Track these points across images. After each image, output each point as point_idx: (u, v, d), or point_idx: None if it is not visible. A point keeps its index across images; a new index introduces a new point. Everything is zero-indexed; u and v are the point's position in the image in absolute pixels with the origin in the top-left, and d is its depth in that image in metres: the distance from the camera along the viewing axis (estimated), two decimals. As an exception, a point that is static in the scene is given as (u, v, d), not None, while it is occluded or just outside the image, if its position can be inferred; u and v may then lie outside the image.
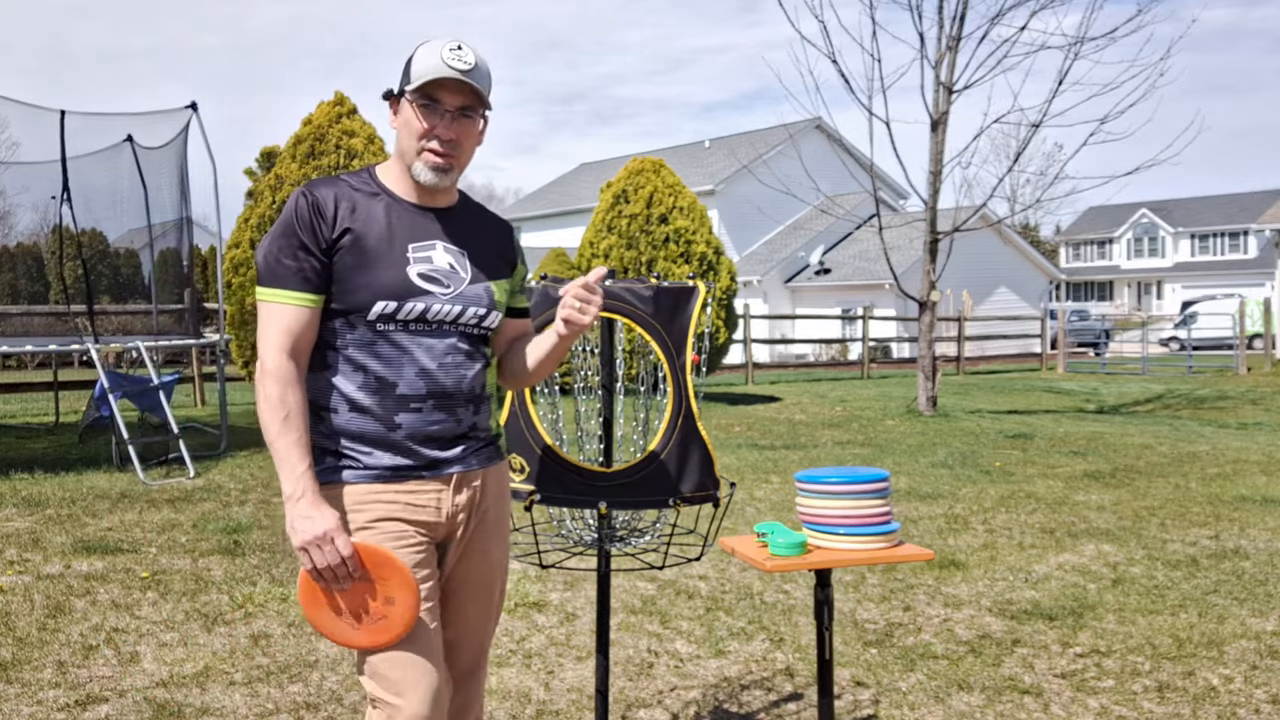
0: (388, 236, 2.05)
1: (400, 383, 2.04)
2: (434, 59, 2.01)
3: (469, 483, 2.13)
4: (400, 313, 2.03)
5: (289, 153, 12.00)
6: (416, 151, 2.05)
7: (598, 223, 14.63)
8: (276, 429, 1.97)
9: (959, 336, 23.92)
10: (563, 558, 4.10)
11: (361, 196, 2.07)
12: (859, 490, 2.56)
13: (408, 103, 2.05)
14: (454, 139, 2.04)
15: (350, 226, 2.03)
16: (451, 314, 2.07)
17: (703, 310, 2.71)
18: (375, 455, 2.04)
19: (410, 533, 2.05)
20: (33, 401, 14.22)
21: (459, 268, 2.11)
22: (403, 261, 2.04)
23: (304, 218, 2.01)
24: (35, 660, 4.04)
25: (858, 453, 9.86)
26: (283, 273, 2.01)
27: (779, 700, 3.69)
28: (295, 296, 2.01)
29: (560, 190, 41.48)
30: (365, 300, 2.01)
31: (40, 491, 7.58)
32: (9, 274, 13.54)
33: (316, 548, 1.93)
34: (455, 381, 2.08)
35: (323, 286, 2.03)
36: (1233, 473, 8.48)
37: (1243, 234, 54.60)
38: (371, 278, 2.01)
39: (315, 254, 2.01)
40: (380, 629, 1.98)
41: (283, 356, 1.99)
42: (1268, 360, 23.63)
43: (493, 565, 2.21)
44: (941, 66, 12.80)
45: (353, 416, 2.04)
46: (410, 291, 2.03)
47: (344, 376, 2.05)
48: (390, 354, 2.04)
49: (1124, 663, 4.02)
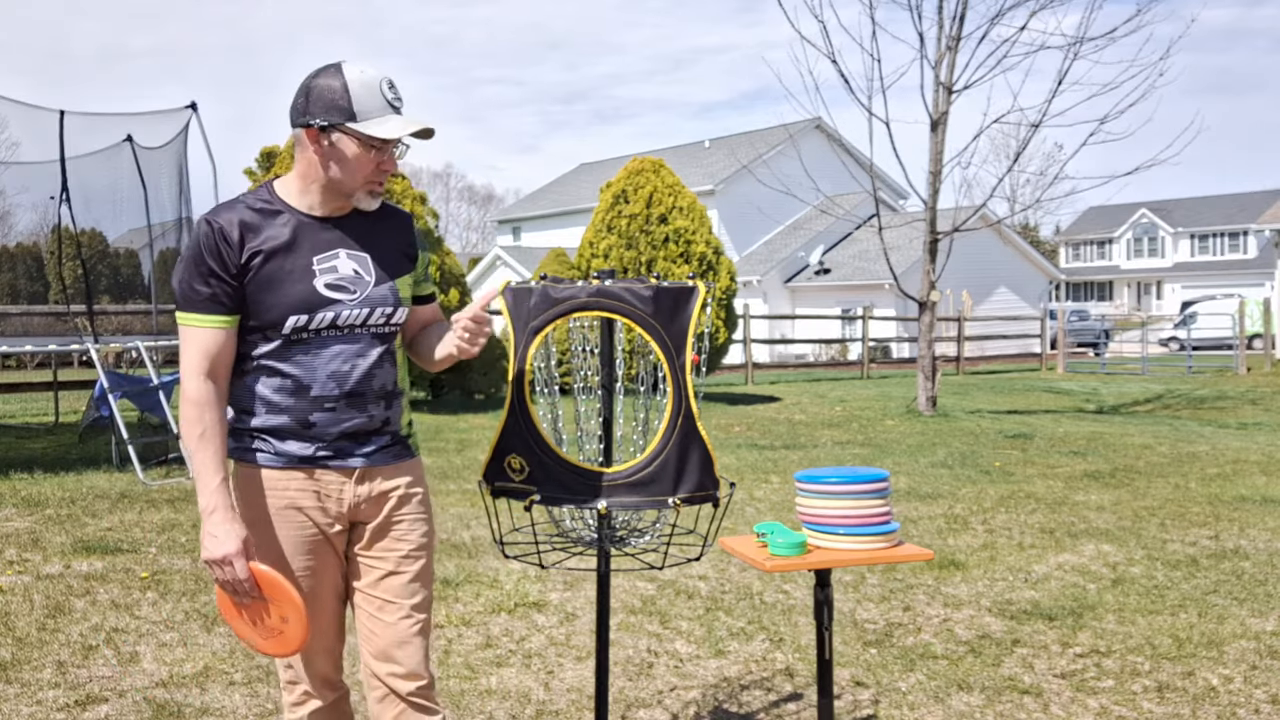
0: (292, 253, 2.16)
1: (314, 385, 2.17)
2: (377, 99, 2.11)
3: (372, 476, 2.25)
4: (312, 324, 2.15)
5: (289, 153, 12.00)
6: (362, 184, 2.16)
7: (597, 223, 14.63)
8: (194, 444, 2.12)
9: (959, 336, 23.92)
10: (562, 558, 4.10)
11: (263, 218, 2.17)
12: (859, 490, 2.56)
13: (353, 140, 2.12)
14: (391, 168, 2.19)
15: (256, 249, 2.13)
16: (360, 317, 2.19)
17: (702, 310, 2.71)
18: (287, 443, 2.19)
19: (307, 522, 2.22)
20: (32, 401, 14.22)
21: (363, 272, 2.21)
22: (309, 275, 2.15)
23: (210, 246, 2.12)
24: (35, 660, 4.04)
25: (857, 453, 9.86)
26: (195, 298, 2.13)
27: (779, 700, 3.69)
28: (210, 320, 2.13)
29: (560, 190, 41.48)
30: (277, 317, 2.13)
31: (40, 491, 7.58)
32: (9, 274, 13.54)
33: (219, 566, 2.09)
34: (366, 380, 2.21)
35: (235, 308, 2.14)
36: (1232, 473, 8.48)
37: (1242, 234, 54.61)
38: (281, 296, 2.13)
39: (225, 279, 2.12)
40: (279, 641, 2.16)
41: (200, 379, 2.12)
42: (1267, 360, 23.63)
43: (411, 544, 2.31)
44: (941, 66, 12.80)
45: (269, 416, 2.18)
46: (319, 303, 2.15)
47: (261, 382, 2.18)
48: (304, 359, 2.17)
49: (1124, 663, 4.02)
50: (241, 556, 2.08)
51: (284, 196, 2.21)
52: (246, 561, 2.09)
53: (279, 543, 2.21)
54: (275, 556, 2.21)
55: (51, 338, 11.03)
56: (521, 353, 2.65)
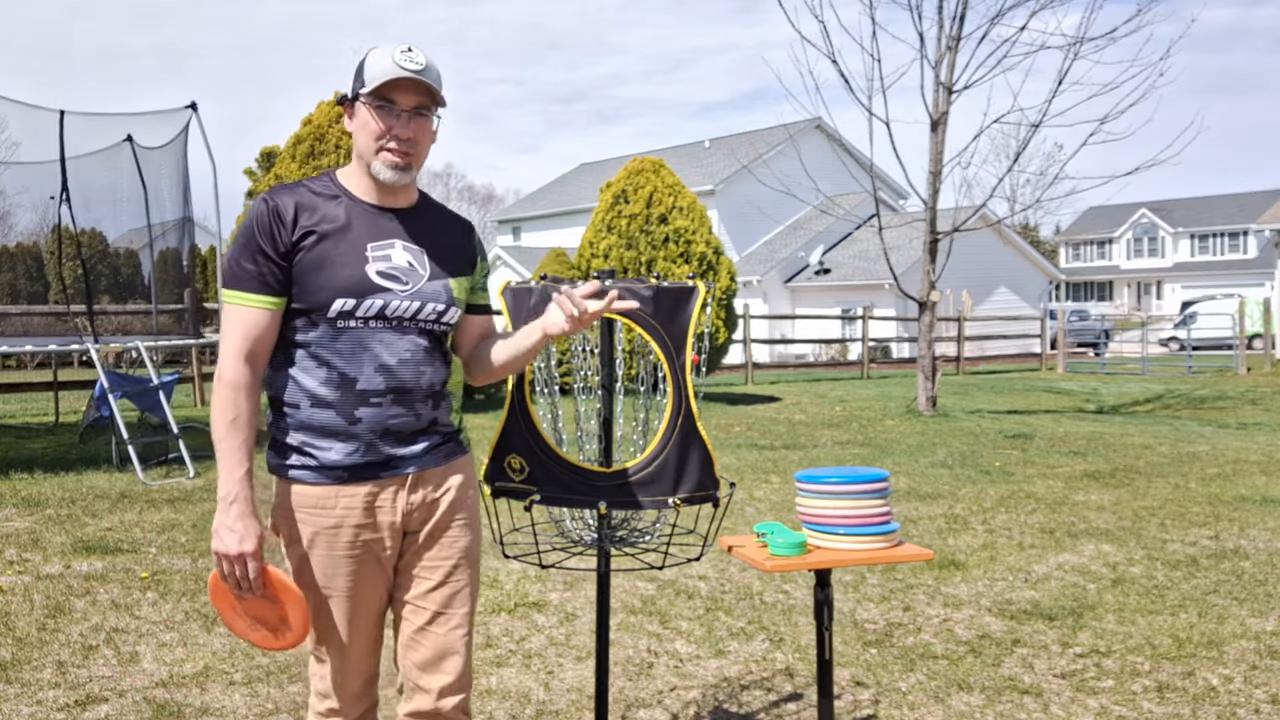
0: (347, 237, 2.12)
1: (360, 378, 2.10)
2: (386, 62, 2.08)
3: (424, 482, 2.19)
4: (359, 310, 2.09)
5: (289, 153, 12.00)
6: (375, 151, 2.12)
7: (597, 223, 14.62)
8: (224, 430, 2.06)
9: (959, 336, 23.92)
10: (562, 558, 4.10)
11: (321, 200, 2.14)
12: (859, 490, 2.56)
13: (364, 105, 2.12)
14: (411, 137, 2.11)
15: (309, 229, 2.10)
16: (410, 310, 2.14)
17: (702, 310, 2.71)
18: (333, 451, 2.11)
19: (353, 542, 2.15)
20: (32, 401, 14.23)
21: (417, 265, 2.17)
22: (361, 260, 2.11)
23: (264, 224, 2.08)
24: (35, 660, 4.04)
25: (857, 453, 9.86)
26: (243, 276, 2.08)
27: (779, 700, 3.69)
28: (254, 299, 2.08)
29: (560, 190, 41.48)
30: (325, 299, 2.08)
31: (40, 491, 7.58)
32: (9, 274, 13.54)
33: (229, 562, 2.05)
34: (414, 377, 2.14)
35: (282, 290, 2.10)
36: (1232, 473, 8.48)
37: (1242, 234, 54.60)
38: (330, 277, 2.08)
39: (274, 259, 2.08)
40: (269, 639, 2.14)
41: (240, 362, 2.07)
42: (1267, 360, 23.63)
43: (461, 554, 2.26)
44: (941, 66, 12.80)
45: (314, 411, 2.11)
46: (368, 289, 2.10)
47: (306, 372, 2.11)
48: (350, 350, 2.10)
49: (1124, 663, 4.02)
50: (257, 557, 2.05)
51: (344, 183, 2.19)
52: (261, 562, 2.06)
53: (322, 565, 2.14)
54: (316, 580, 2.15)
55: (51, 338, 11.03)
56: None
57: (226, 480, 2.04)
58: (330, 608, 2.17)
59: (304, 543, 2.14)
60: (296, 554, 2.17)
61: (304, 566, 2.16)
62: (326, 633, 2.18)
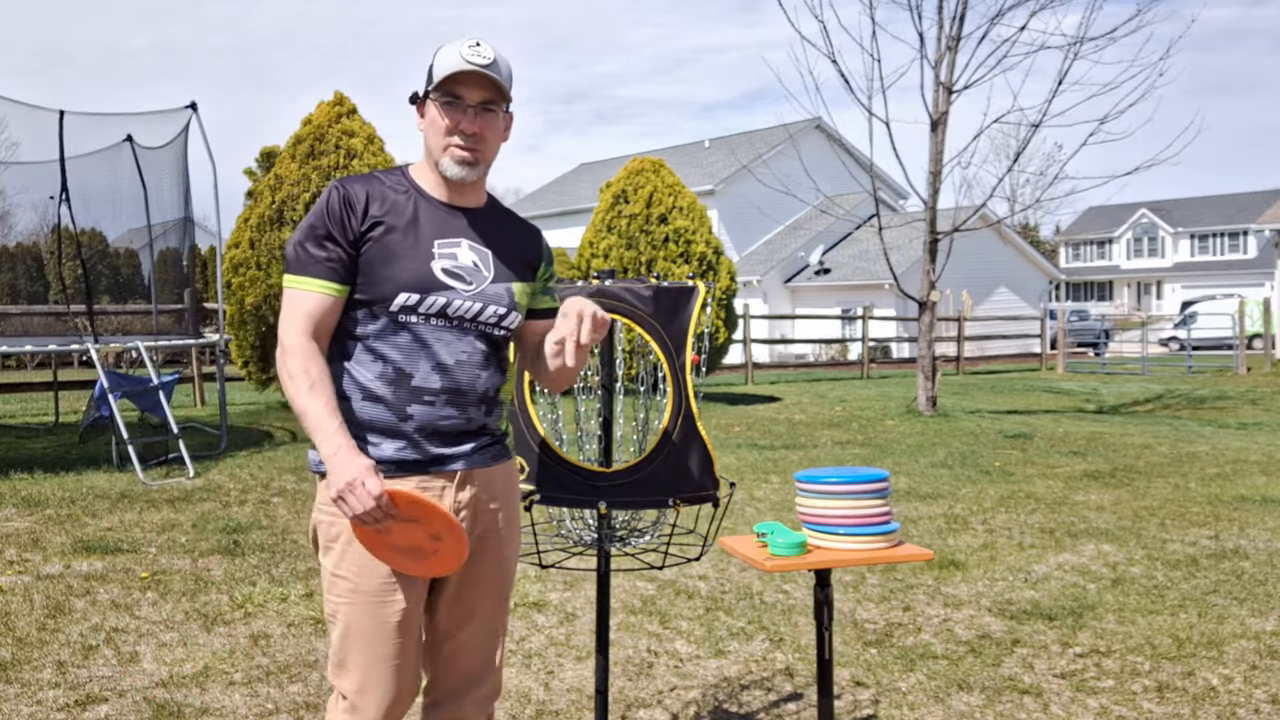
0: (415, 231, 2.10)
1: (415, 374, 2.07)
2: (454, 56, 2.07)
3: (473, 480, 2.15)
4: (422, 306, 2.07)
5: (289, 153, 12.00)
6: (443, 148, 2.10)
7: (597, 223, 14.62)
8: (304, 398, 2.01)
9: (959, 336, 23.92)
10: (562, 558, 4.10)
11: (393, 193, 2.13)
12: (859, 490, 2.56)
13: (432, 102, 2.10)
14: (477, 133, 2.09)
15: (379, 220, 2.08)
16: (472, 311, 2.11)
17: (702, 310, 2.71)
18: (382, 446, 2.08)
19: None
20: (32, 401, 14.22)
21: (482, 266, 2.15)
22: (428, 256, 2.09)
23: (334, 210, 2.07)
24: (35, 660, 4.04)
25: (857, 453, 9.86)
26: (308, 261, 2.06)
27: (779, 700, 3.69)
28: (319, 284, 2.06)
29: (560, 190, 41.48)
30: (389, 291, 2.06)
31: (40, 491, 7.58)
32: (9, 274, 13.55)
33: (350, 493, 1.95)
34: (470, 380, 2.11)
35: (347, 278, 2.08)
36: (1232, 473, 8.48)
37: (1242, 234, 54.60)
38: (396, 270, 2.06)
39: (342, 245, 2.06)
40: (434, 562, 2.05)
41: (303, 336, 2.05)
42: (1267, 360, 23.63)
43: (505, 564, 2.24)
44: (941, 66, 12.80)
45: (365, 405, 2.08)
46: (433, 285, 2.08)
47: (362, 365, 2.09)
48: (409, 346, 2.08)
49: (1124, 663, 4.02)
50: (372, 474, 1.96)
51: (415, 179, 2.18)
52: (378, 479, 1.97)
53: (368, 564, 2.08)
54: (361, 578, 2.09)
55: (51, 338, 11.03)
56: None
57: (325, 439, 1.98)
58: (363, 621, 2.09)
59: (343, 540, 2.08)
60: (334, 556, 2.10)
61: (339, 569, 2.10)
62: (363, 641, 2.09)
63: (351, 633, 2.09)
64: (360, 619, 2.09)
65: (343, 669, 2.11)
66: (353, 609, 2.09)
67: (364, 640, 2.09)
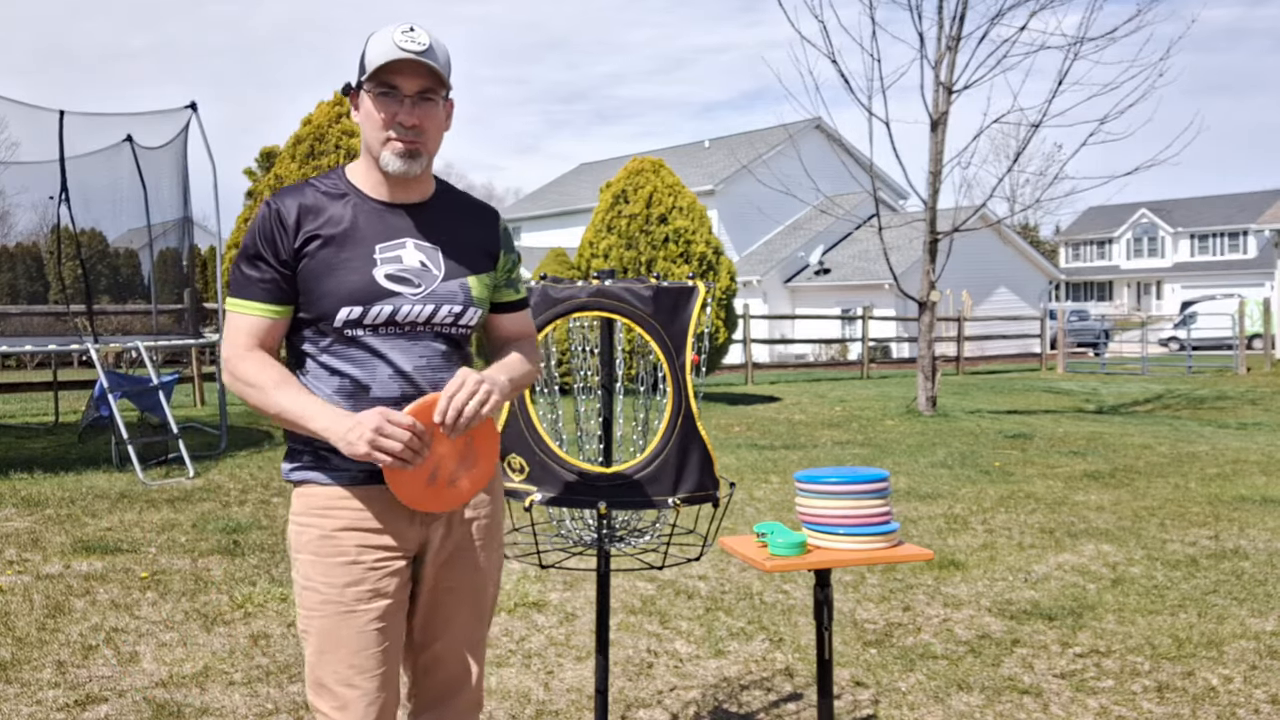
0: (353, 239, 1.99)
1: (374, 386, 1.98)
2: (386, 44, 1.96)
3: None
4: (367, 317, 1.97)
5: (289, 153, 12.00)
6: (381, 142, 1.99)
7: (597, 223, 14.63)
8: (271, 395, 1.93)
9: (958, 336, 23.92)
10: (562, 558, 4.10)
11: (328, 200, 2.02)
12: (858, 490, 2.56)
13: (366, 94, 2.00)
14: (416, 124, 1.98)
15: (314, 233, 1.98)
16: (423, 315, 2.00)
17: (702, 310, 2.71)
18: (349, 462, 1.99)
19: (371, 547, 2.00)
20: (32, 401, 14.22)
21: (431, 265, 2.03)
22: (369, 264, 1.98)
23: (266, 230, 1.98)
24: (35, 660, 4.04)
25: (857, 453, 9.86)
26: (245, 283, 1.99)
27: (779, 700, 3.69)
28: (257, 307, 1.98)
29: (560, 190, 41.48)
30: (330, 307, 1.97)
31: (40, 491, 7.58)
32: (8, 274, 13.55)
33: (381, 438, 1.85)
34: (431, 384, 2.01)
35: (286, 297, 1.99)
36: (1232, 473, 8.48)
37: (1242, 234, 54.61)
38: (335, 284, 1.96)
39: (275, 266, 1.97)
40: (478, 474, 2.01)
41: (246, 349, 1.98)
42: (1267, 360, 23.63)
43: (483, 574, 2.15)
44: (941, 66, 12.80)
45: None
46: (376, 294, 1.97)
47: (319, 380, 2.01)
48: (363, 357, 1.99)
49: (1123, 663, 4.02)
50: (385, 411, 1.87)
51: (352, 179, 2.06)
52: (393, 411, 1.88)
53: (335, 573, 1.99)
54: (332, 588, 1.99)
55: (51, 338, 11.03)
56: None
57: (316, 417, 1.90)
58: (339, 633, 1.99)
59: (315, 548, 2.00)
60: (304, 567, 2.02)
61: (310, 581, 2.01)
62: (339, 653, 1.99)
63: (326, 647, 1.99)
64: (334, 630, 1.99)
65: (321, 687, 2.01)
66: (325, 620, 1.99)
67: (340, 653, 1.98)
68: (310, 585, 2.01)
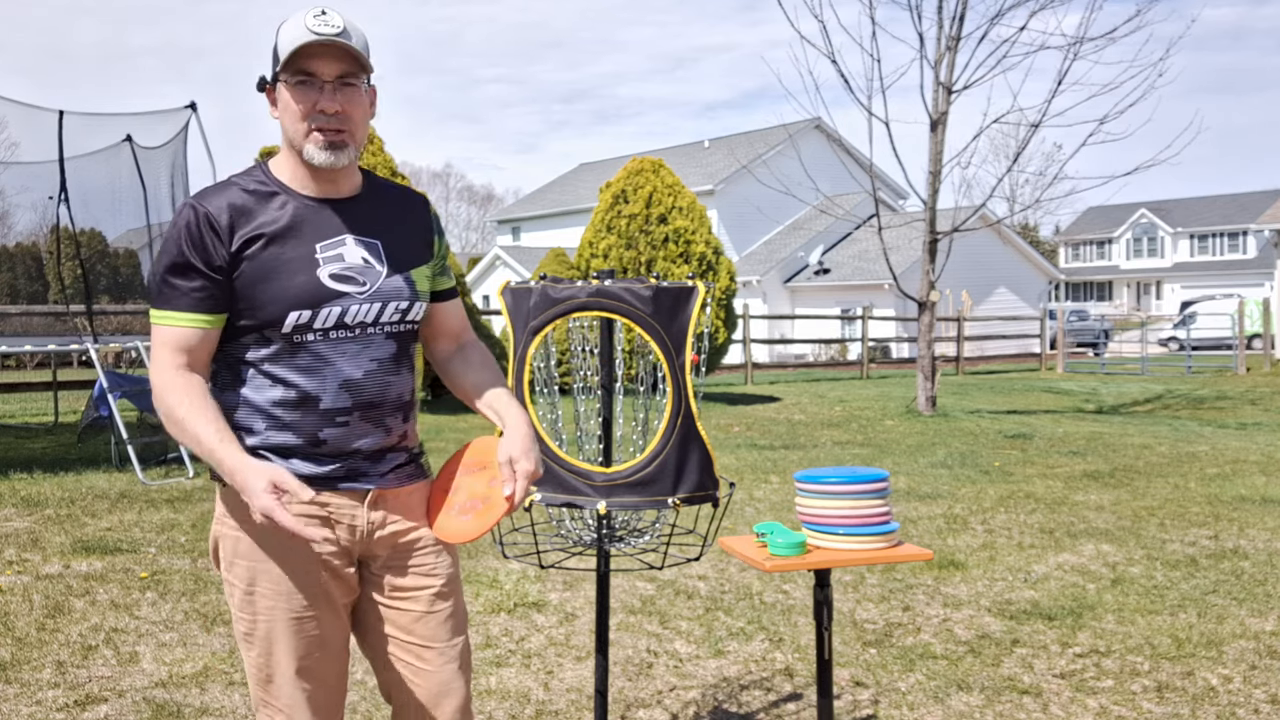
0: (291, 240, 1.88)
1: (323, 396, 1.90)
2: (298, 29, 1.84)
3: (385, 501, 1.99)
4: (316, 321, 1.88)
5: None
6: (304, 134, 1.87)
7: (597, 223, 14.63)
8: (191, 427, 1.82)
9: (958, 336, 23.92)
10: (562, 558, 4.10)
11: (257, 199, 1.90)
12: (858, 490, 2.56)
13: (283, 85, 1.87)
14: (339, 111, 1.87)
15: (250, 235, 1.86)
16: (371, 314, 1.92)
17: (702, 310, 2.71)
18: (293, 463, 1.92)
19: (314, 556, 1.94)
20: (32, 401, 14.22)
21: (374, 260, 1.95)
22: (311, 264, 1.88)
23: (194, 235, 1.85)
24: (34, 660, 4.04)
25: (857, 453, 9.86)
26: (173, 294, 1.86)
27: (778, 700, 3.69)
28: (187, 318, 1.86)
29: (560, 190, 41.49)
30: (276, 313, 1.86)
31: (39, 491, 7.58)
32: (8, 274, 13.55)
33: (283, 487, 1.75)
34: (381, 389, 1.94)
35: (219, 306, 1.87)
36: (1232, 473, 8.48)
37: (1242, 234, 54.62)
38: (279, 288, 1.86)
39: (209, 273, 1.85)
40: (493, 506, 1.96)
41: (173, 370, 1.87)
42: (1267, 360, 23.63)
43: (437, 578, 2.05)
44: (941, 66, 12.80)
45: (271, 434, 1.90)
46: (324, 296, 1.88)
47: (259, 391, 1.90)
48: (311, 365, 1.89)
49: (1123, 663, 4.02)
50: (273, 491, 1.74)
51: (278, 175, 1.94)
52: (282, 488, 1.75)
53: (273, 581, 1.92)
54: (277, 594, 1.92)
55: (51, 338, 11.03)
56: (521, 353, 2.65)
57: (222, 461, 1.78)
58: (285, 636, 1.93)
59: (259, 555, 1.92)
60: (242, 572, 1.94)
61: (252, 586, 1.93)
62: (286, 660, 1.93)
63: (275, 650, 1.93)
64: (284, 633, 1.93)
65: (269, 684, 1.95)
66: (273, 624, 1.93)
67: (290, 655, 1.94)
68: (256, 590, 1.94)
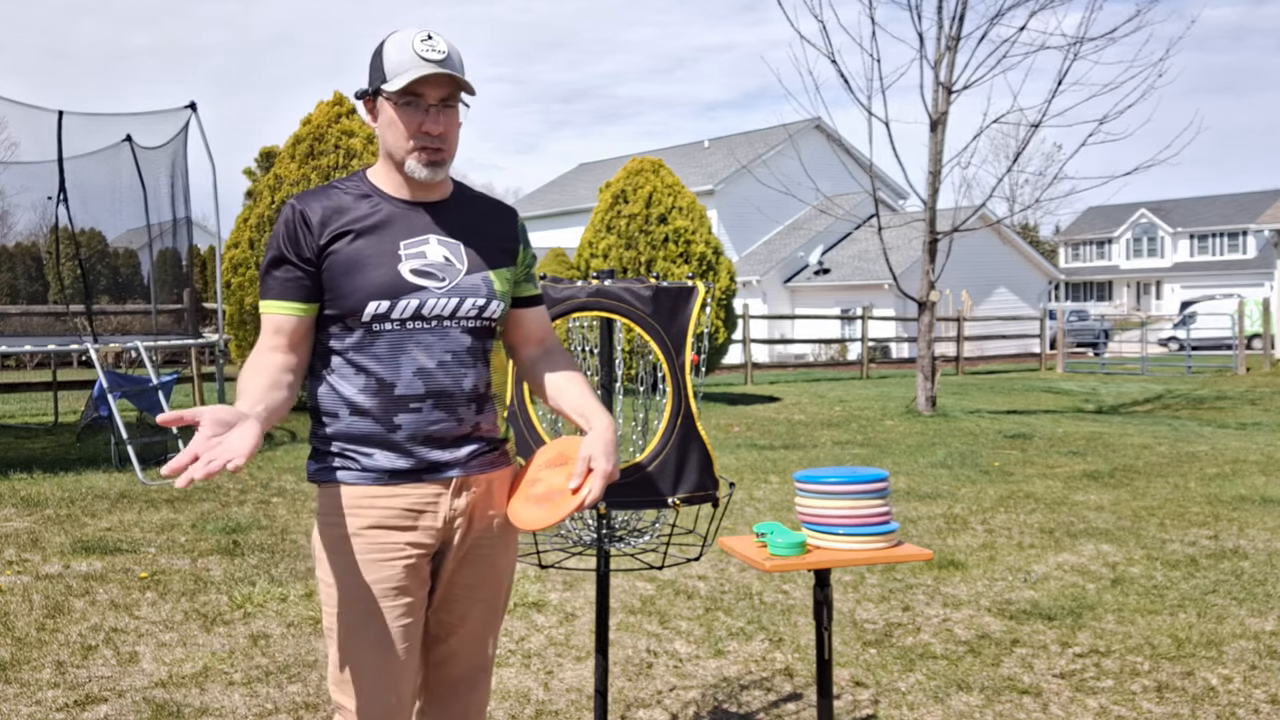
0: (377, 236, 2.04)
1: (398, 383, 2.02)
2: (407, 53, 1.99)
3: (469, 487, 2.09)
4: (394, 311, 2.01)
5: (288, 153, 12.00)
6: (408, 151, 2.03)
7: (597, 223, 14.63)
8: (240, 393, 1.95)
9: (958, 336, 23.92)
10: (562, 558, 4.10)
11: (351, 200, 2.07)
12: (858, 490, 2.56)
13: (388, 103, 2.02)
14: (442, 132, 2.02)
15: (339, 231, 2.03)
16: (449, 308, 2.05)
17: (702, 310, 2.71)
18: (374, 457, 2.03)
19: (396, 545, 2.04)
20: (31, 401, 14.21)
21: (454, 259, 2.08)
22: (394, 259, 2.03)
23: (290, 230, 2.03)
24: (34, 660, 4.03)
25: (857, 453, 9.86)
26: (273, 285, 2.04)
27: (778, 700, 3.69)
28: (285, 306, 2.03)
29: (560, 190, 41.48)
30: (357, 303, 2.00)
31: (39, 491, 7.58)
32: (8, 274, 13.55)
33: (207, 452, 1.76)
34: (454, 380, 2.05)
35: (312, 296, 2.04)
36: (1232, 473, 8.48)
37: (1241, 234, 54.62)
38: (362, 280, 2.00)
39: (300, 266, 2.02)
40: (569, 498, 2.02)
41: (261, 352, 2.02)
42: (1266, 360, 23.63)
43: (499, 572, 2.18)
44: (941, 66, 12.80)
45: (354, 420, 2.03)
46: (402, 288, 2.01)
47: (345, 379, 2.04)
48: (387, 354, 2.02)
49: (1123, 663, 4.02)
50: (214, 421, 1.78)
51: (374, 181, 2.10)
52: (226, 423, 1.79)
53: (366, 572, 2.02)
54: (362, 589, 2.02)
55: (51, 338, 11.03)
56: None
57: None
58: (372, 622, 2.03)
59: (344, 547, 2.03)
60: (337, 562, 2.05)
61: (345, 575, 2.04)
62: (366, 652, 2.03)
63: (348, 645, 2.03)
64: (357, 626, 2.03)
65: (343, 682, 2.05)
66: (348, 617, 2.03)
67: (362, 650, 2.03)
68: (330, 584, 2.05)
